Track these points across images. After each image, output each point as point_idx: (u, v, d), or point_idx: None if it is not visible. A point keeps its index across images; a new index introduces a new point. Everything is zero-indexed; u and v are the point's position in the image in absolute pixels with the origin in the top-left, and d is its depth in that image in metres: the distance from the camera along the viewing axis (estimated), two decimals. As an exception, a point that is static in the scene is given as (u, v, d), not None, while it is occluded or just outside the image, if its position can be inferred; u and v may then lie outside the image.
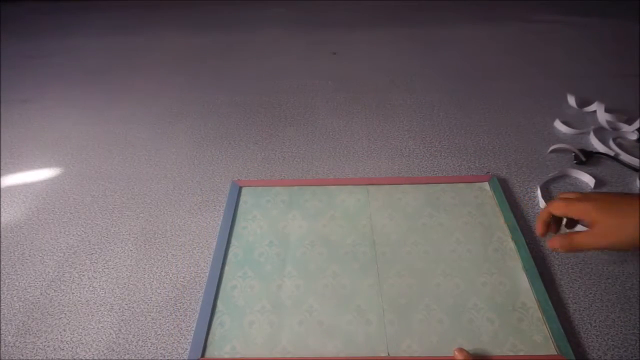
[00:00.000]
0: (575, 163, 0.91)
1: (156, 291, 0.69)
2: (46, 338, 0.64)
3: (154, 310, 0.67)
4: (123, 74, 1.32)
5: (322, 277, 0.69)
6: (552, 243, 0.54)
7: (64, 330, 0.64)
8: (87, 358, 0.61)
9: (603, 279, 0.68)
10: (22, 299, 0.69)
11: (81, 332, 0.64)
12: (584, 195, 0.52)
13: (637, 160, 0.89)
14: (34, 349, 0.62)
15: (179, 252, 0.75)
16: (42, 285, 0.71)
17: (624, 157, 0.91)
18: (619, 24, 1.50)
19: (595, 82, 1.19)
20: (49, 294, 0.69)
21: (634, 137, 0.97)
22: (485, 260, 0.70)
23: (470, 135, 1.01)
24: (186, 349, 0.61)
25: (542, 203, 0.81)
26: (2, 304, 0.68)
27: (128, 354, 0.61)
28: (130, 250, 0.76)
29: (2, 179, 0.93)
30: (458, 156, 0.94)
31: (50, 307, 0.68)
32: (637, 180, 0.86)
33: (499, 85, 1.19)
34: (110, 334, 0.64)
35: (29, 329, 0.65)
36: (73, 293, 0.70)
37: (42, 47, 1.50)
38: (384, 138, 1.00)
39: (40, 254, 0.76)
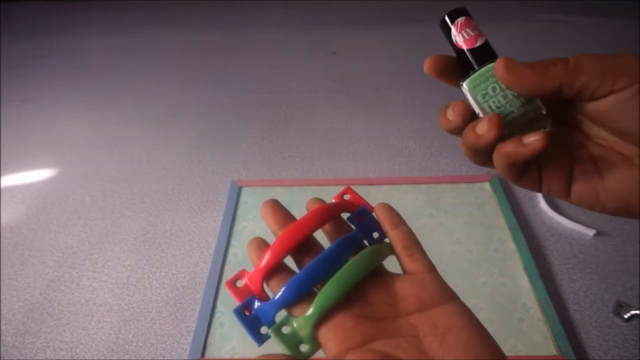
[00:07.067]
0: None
1: (156, 291, 0.69)
2: (45, 338, 0.63)
3: (154, 310, 0.67)
4: (123, 74, 1.32)
5: (322, 277, 0.69)
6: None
7: (64, 330, 0.64)
8: (87, 358, 0.61)
9: (603, 279, 0.68)
10: (22, 299, 0.69)
11: (81, 333, 0.64)
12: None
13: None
14: (33, 349, 0.62)
15: (179, 252, 0.75)
16: (42, 285, 0.71)
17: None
18: (619, 23, 1.49)
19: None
20: (48, 294, 0.69)
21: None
22: (486, 261, 0.70)
23: (470, 135, 1.01)
24: (186, 349, 0.61)
25: (543, 203, 0.81)
26: (1, 304, 0.68)
27: (128, 354, 0.61)
28: (130, 251, 0.76)
29: (2, 179, 0.93)
30: (458, 156, 0.94)
31: (50, 307, 0.68)
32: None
33: (499, 85, 1.19)
34: (110, 334, 0.64)
35: (28, 330, 0.65)
36: (72, 293, 0.69)
37: (42, 47, 1.50)
38: (384, 138, 1.00)
39: (40, 254, 0.76)
